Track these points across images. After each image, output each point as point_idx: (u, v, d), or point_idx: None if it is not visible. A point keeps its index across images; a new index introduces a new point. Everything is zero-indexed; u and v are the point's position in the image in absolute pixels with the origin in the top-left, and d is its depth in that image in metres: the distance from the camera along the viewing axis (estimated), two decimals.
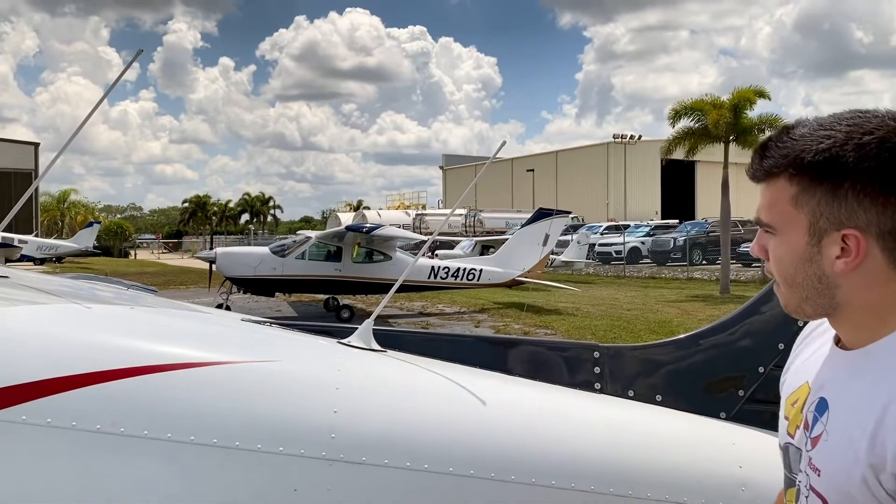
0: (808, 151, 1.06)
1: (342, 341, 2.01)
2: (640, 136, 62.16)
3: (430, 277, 17.65)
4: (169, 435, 1.52)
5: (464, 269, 18.30)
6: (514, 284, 19.03)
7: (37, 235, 42.53)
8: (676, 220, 42.72)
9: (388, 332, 2.21)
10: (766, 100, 22.34)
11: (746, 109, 21.93)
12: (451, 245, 30.73)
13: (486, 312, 18.65)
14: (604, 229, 38.96)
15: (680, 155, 24.65)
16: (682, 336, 2.25)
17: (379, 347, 2.00)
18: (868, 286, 1.07)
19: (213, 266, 17.33)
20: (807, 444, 1.14)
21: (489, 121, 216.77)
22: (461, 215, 43.70)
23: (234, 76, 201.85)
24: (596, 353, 2.18)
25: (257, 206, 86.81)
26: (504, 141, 2.42)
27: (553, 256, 24.60)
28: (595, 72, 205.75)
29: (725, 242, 22.50)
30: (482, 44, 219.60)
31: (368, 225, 18.74)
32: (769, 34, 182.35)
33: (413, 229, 38.22)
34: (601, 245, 34.84)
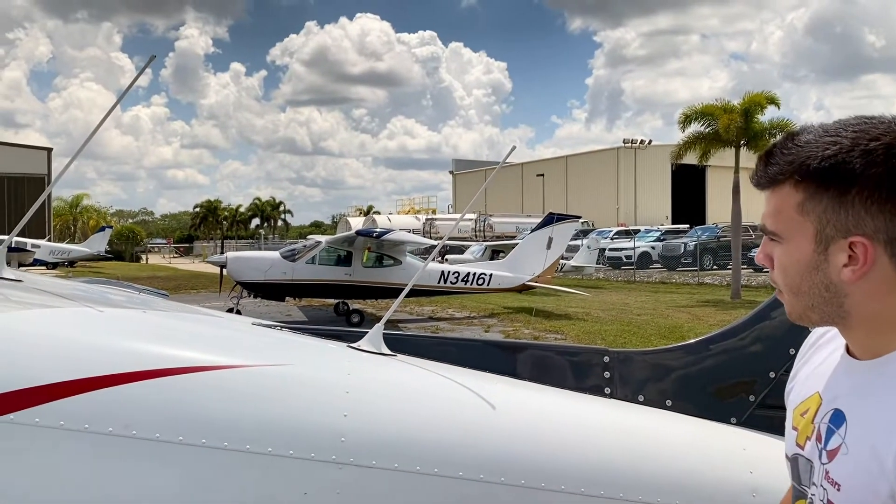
0: (814, 158, 1.04)
1: (352, 345, 2.01)
2: (650, 141, 62.08)
3: (440, 282, 17.66)
4: (180, 438, 1.53)
5: (474, 274, 18.30)
6: (523, 289, 19.02)
7: (49, 240, 42.86)
8: (687, 225, 42.62)
9: (398, 336, 2.21)
10: (776, 106, 22.26)
11: (757, 114, 21.85)
12: (461, 250, 30.75)
13: (495, 317, 18.63)
14: (614, 234, 38.89)
15: (691, 159, 24.55)
16: (692, 341, 2.24)
17: (389, 352, 2.01)
18: (877, 294, 1.05)
19: (224, 270, 17.41)
20: (821, 456, 1.11)
21: (499, 125, 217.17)
22: (471, 220, 43.69)
23: (245, 81, 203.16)
24: (606, 358, 2.18)
25: (268, 211, 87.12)
26: (514, 146, 2.42)
27: (563, 261, 24.56)
28: (605, 76, 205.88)
29: (736, 247, 22.40)
30: (492, 49, 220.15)
31: (379, 230, 18.80)
32: (780, 38, 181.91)
33: (423, 234, 38.28)
34: (611, 250, 34.77)
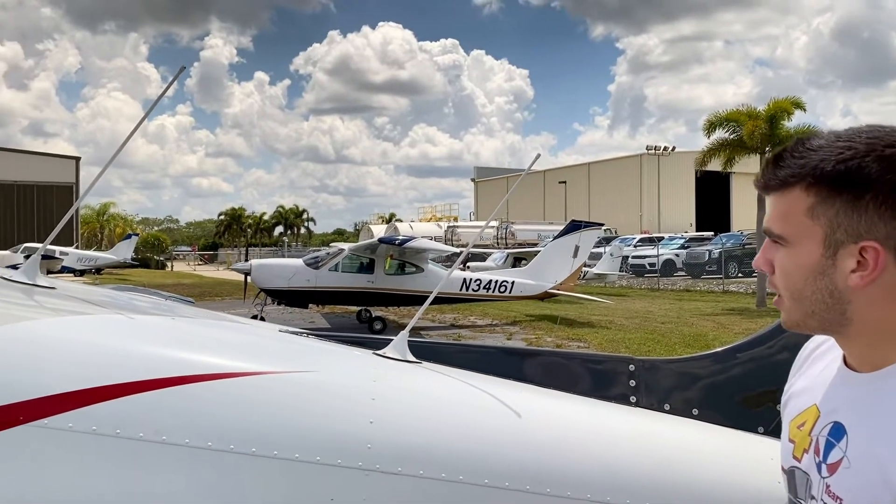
0: (828, 161, 1.03)
1: (378, 352, 2.02)
2: (673, 148, 61.65)
3: (462, 290, 17.66)
4: (209, 443, 1.55)
5: (496, 282, 18.27)
6: (546, 297, 18.95)
7: (77, 247, 43.52)
8: (711, 233, 42.24)
9: (422, 343, 2.22)
10: (802, 111, 22.05)
11: (783, 120, 21.65)
12: (482, 257, 30.72)
13: (517, 325, 18.58)
14: (637, 241, 38.65)
15: (715, 166, 24.38)
16: (718, 349, 2.23)
17: (414, 359, 2.02)
18: (880, 302, 1.04)
19: (249, 278, 17.56)
20: (820, 470, 1.10)
21: (521, 133, 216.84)
22: (493, 227, 43.66)
23: (268, 90, 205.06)
24: (631, 367, 2.17)
25: (291, 219, 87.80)
26: (538, 154, 2.43)
27: (586, 269, 24.45)
28: (628, 83, 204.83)
29: None
30: (514, 56, 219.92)
31: (401, 237, 18.83)
32: (806, 43, 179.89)
33: (445, 241, 38.30)
34: (634, 257, 34.55)
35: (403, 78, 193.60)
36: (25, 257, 32.65)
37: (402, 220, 67.41)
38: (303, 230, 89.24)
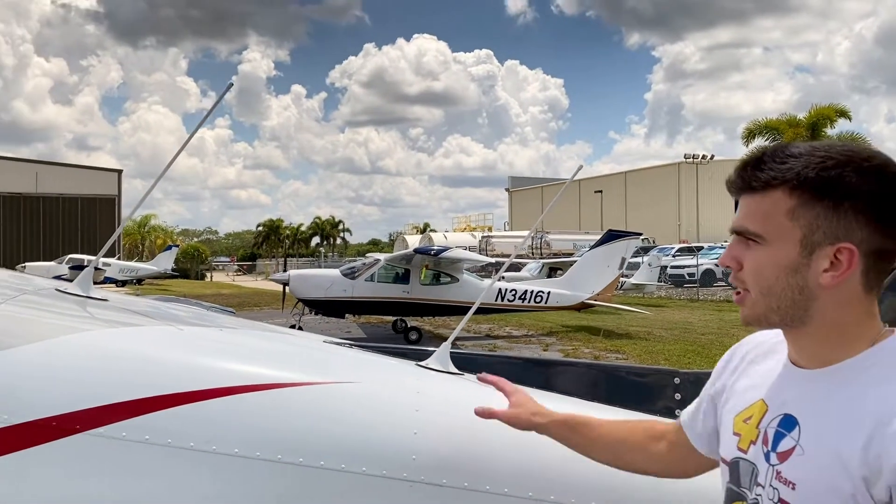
0: (812, 168, 1.12)
1: (420, 364, 2.03)
2: (712, 156, 60.74)
3: (497, 300, 17.60)
4: (257, 453, 1.58)
5: (531, 292, 18.18)
6: (582, 307, 18.80)
7: (119, 258, 44.47)
8: None
9: (463, 354, 2.22)
10: (846, 119, 21.64)
11: (825, 128, 21.27)
12: (517, 267, 30.62)
13: (554, 336, 18.46)
14: (676, 251, 38.15)
15: None
16: None
17: (456, 370, 2.02)
18: (842, 303, 1.14)
19: (287, 288, 17.76)
20: (769, 458, 1.18)
21: (555, 142, 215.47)
22: (529, 237, 43.48)
23: (305, 103, 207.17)
24: (676, 380, 2.15)
25: (327, 230, 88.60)
26: (581, 165, 2.43)
27: (623, 279, 24.22)
28: (664, 91, 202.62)
29: None
30: (548, 66, 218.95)
31: (436, 247, 18.86)
32: (848, 49, 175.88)
33: (479, 251, 38.26)
34: (673, 267, 34.11)
35: (438, 89, 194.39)
36: (70, 268, 33.54)
37: (436, 231, 67.55)
38: (339, 241, 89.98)
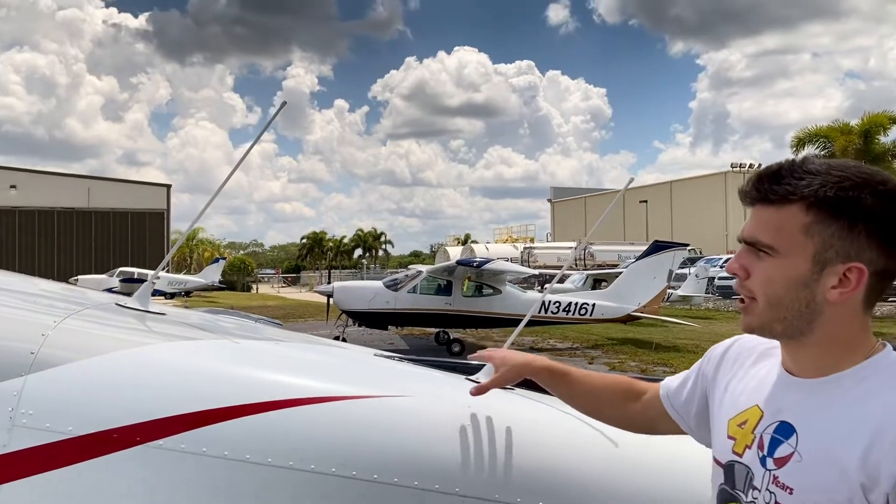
0: (830, 187, 1.15)
1: (470, 378, 2.03)
2: (759, 165, 59.64)
3: (541, 312, 17.50)
4: (312, 466, 1.59)
5: (575, 304, 18.04)
6: (628, 320, 18.57)
7: (168, 271, 45.48)
8: None
9: None
10: None
11: (878, 135, 20.69)
12: (560, 279, 30.37)
13: (599, 348, 18.26)
14: (723, 262, 37.42)
15: None
16: None
17: (508, 385, 2.01)
18: (844, 318, 1.19)
19: (331, 300, 17.94)
20: (765, 463, 1.22)
21: (598, 152, 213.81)
22: (571, 248, 43.17)
23: (348, 117, 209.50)
24: None
25: (369, 242, 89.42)
26: (632, 177, 2.40)
27: (670, 291, 23.86)
28: (709, 99, 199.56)
29: None
30: (590, 75, 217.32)
31: (479, 259, 18.85)
32: None
33: (521, 263, 38.11)
34: (721, 278, 33.40)
35: (478, 101, 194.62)
36: (121, 281, 34.40)
37: (477, 242, 67.56)
38: (380, 252, 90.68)
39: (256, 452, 1.57)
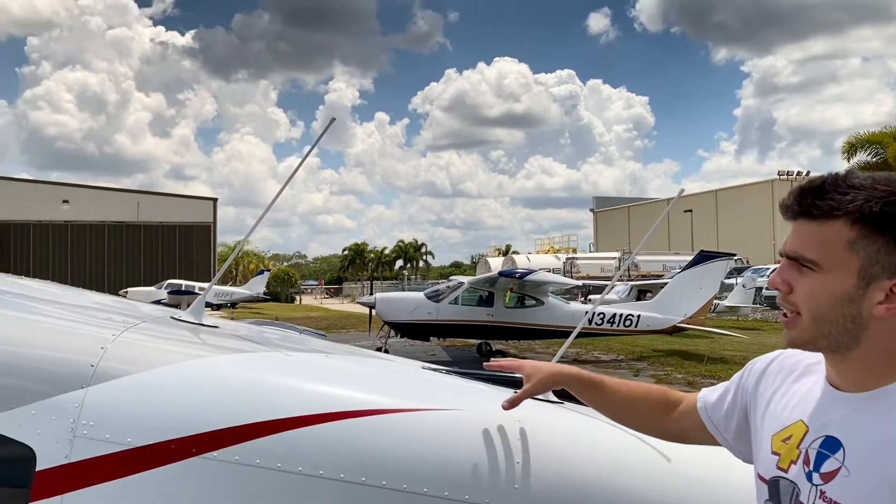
0: (875, 202, 1.13)
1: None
2: (808, 172, 58.22)
3: (585, 323, 17.33)
4: (363, 479, 1.60)
5: (620, 315, 17.82)
6: (674, 331, 18.28)
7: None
8: None
9: None
10: None
11: None
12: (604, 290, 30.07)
13: (644, 360, 18.01)
14: (771, 272, 36.66)
15: None
16: None
17: (556, 399, 2.00)
18: (890, 332, 1.17)
19: (373, 311, 18.04)
20: (811, 478, 1.21)
21: (641, 161, 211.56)
22: (615, 259, 42.74)
23: (388, 130, 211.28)
24: None
25: (410, 253, 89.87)
26: (682, 188, 2.38)
27: (717, 301, 23.43)
28: (755, 106, 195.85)
29: None
30: (632, 84, 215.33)
31: (521, 270, 18.78)
32: None
33: (564, 273, 37.84)
34: (769, 289, 32.76)
35: (519, 111, 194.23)
36: (169, 293, 35.13)
37: (518, 252, 67.37)
38: (421, 263, 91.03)
39: (309, 464, 1.59)
